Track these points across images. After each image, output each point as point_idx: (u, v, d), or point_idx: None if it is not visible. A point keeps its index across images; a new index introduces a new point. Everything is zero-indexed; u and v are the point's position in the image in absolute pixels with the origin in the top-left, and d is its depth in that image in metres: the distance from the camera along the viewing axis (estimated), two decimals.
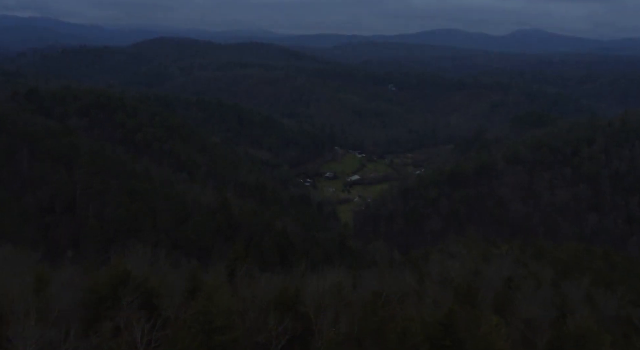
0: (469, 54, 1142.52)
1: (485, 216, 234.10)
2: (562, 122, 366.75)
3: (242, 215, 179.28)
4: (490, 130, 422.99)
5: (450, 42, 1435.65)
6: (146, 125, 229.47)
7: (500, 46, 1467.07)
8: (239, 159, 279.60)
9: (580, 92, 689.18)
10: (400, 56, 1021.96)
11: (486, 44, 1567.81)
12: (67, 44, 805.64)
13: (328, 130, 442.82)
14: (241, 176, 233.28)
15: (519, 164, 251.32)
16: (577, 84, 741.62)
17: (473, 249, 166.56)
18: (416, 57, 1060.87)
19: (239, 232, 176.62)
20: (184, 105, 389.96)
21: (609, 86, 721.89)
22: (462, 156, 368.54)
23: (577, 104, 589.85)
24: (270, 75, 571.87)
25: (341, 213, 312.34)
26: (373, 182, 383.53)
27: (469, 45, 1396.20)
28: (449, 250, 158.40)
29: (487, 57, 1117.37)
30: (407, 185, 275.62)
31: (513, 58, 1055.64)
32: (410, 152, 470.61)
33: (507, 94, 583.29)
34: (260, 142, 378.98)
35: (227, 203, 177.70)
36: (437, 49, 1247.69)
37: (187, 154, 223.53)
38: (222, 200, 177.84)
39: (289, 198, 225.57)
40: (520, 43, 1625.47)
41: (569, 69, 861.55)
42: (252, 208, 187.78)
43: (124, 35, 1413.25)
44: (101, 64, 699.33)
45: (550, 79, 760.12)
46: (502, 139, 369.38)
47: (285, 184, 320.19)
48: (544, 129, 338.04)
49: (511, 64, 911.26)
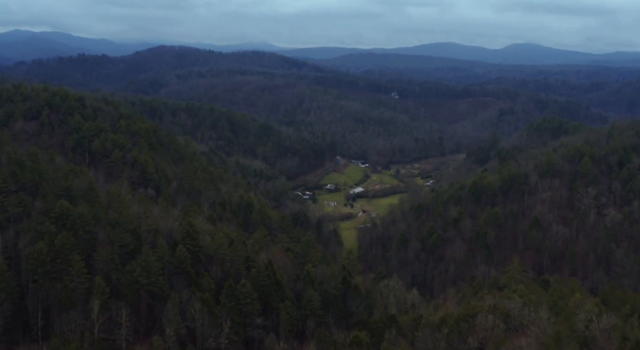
0: (468, 65, 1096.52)
1: (519, 241, 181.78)
2: (587, 129, 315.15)
3: (215, 247, 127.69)
4: (505, 138, 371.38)
5: (449, 55, 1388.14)
6: (106, 131, 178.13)
7: (497, 59, 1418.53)
8: (226, 170, 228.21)
9: (586, 101, 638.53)
10: (401, 67, 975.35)
11: (484, 56, 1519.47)
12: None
13: (329, 139, 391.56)
14: (223, 192, 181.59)
15: (556, 177, 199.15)
16: (583, 92, 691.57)
17: (532, 292, 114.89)
18: (417, 67, 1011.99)
19: (209, 271, 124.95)
20: (172, 111, 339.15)
21: (616, 94, 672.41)
22: (477, 166, 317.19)
23: (588, 111, 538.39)
24: (269, 82, 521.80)
25: (344, 230, 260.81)
26: (378, 195, 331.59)
27: (467, 58, 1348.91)
28: (505, 296, 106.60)
29: (487, 67, 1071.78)
30: (421, 201, 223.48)
31: (512, 69, 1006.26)
32: (417, 162, 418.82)
33: (516, 102, 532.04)
34: (254, 151, 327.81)
35: (193, 230, 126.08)
36: (437, 60, 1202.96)
37: (155, 166, 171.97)
38: (187, 227, 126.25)
39: (280, 218, 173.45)
40: (516, 56, 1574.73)
41: (572, 78, 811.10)
42: (230, 236, 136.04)
43: (131, 48, 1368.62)
44: (98, 72, 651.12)
45: (554, 88, 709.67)
46: (521, 147, 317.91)
47: (281, 198, 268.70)
48: (570, 136, 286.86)
49: (512, 74, 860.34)
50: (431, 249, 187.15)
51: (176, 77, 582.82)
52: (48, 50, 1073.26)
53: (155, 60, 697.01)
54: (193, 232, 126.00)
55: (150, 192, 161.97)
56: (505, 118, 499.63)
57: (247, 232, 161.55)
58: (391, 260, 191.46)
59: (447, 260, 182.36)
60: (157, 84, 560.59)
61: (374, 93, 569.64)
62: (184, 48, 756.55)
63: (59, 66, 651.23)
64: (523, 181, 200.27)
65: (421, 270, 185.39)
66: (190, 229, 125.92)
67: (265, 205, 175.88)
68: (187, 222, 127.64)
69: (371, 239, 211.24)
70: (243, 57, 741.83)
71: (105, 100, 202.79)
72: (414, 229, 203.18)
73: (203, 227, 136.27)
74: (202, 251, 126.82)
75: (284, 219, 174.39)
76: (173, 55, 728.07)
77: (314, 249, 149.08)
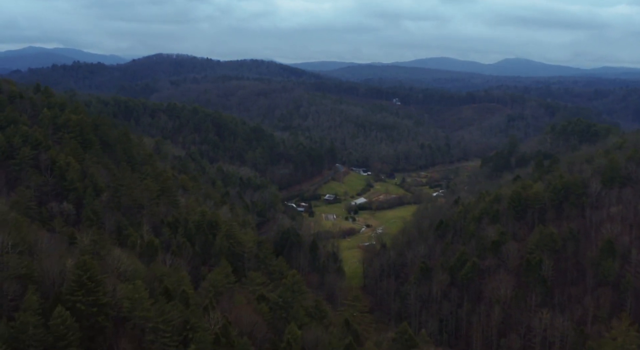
0: (465, 77, 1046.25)
1: (587, 273, 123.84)
2: (620, 133, 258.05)
3: (130, 305, 70.35)
4: (523, 143, 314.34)
5: (446, 67, 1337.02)
6: (22, 122, 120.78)
7: (492, 72, 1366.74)
8: (194, 178, 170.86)
9: (592, 108, 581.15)
10: (400, 77, 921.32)
11: (479, 70, 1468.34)
12: None
13: (328, 144, 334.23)
14: (181, 207, 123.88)
15: (626, 185, 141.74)
16: (586, 100, 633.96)
17: None
18: (415, 78, 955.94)
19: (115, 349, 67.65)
20: (151, 112, 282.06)
21: (621, 102, 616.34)
22: (496, 174, 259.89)
23: (600, 118, 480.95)
24: (265, 87, 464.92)
25: (345, 250, 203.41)
26: (383, 206, 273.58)
27: (463, 70, 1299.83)
28: None
29: (484, 78, 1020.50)
30: (443, 217, 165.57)
31: (510, 80, 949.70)
32: (423, 170, 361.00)
33: (524, 107, 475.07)
34: (242, 157, 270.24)
35: (91, 275, 68.73)
36: (434, 72, 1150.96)
37: (82, 171, 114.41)
38: (80, 271, 68.84)
39: (255, 245, 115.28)
40: (508, 71, 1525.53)
41: (575, 87, 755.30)
42: (163, 282, 78.60)
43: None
44: (92, 79, 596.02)
45: (557, 96, 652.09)
46: (545, 152, 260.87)
47: (269, 211, 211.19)
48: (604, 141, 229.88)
49: (511, 84, 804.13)
50: (464, 283, 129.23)
51: (170, 83, 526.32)
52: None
53: (152, 68, 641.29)
54: (89, 278, 68.47)
55: (67, 208, 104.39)
56: (515, 123, 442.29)
57: (207, 267, 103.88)
58: (409, 298, 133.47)
59: (487, 299, 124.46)
60: (149, 89, 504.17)
61: (374, 99, 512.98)
62: (181, 56, 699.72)
63: (52, 73, 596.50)
64: (582, 191, 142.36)
65: (452, 312, 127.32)
66: (85, 275, 68.37)
67: (235, 226, 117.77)
68: (82, 262, 69.88)
69: (381, 266, 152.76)
70: (241, 66, 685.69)
71: (47, 92, 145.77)
72: (437, 255, 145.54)
73: (121, 266, 78.70)
74: (107, 312, 69.33)
75: (262, 245, 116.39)
76: (170, 63, 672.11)
77: (301, 295, 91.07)
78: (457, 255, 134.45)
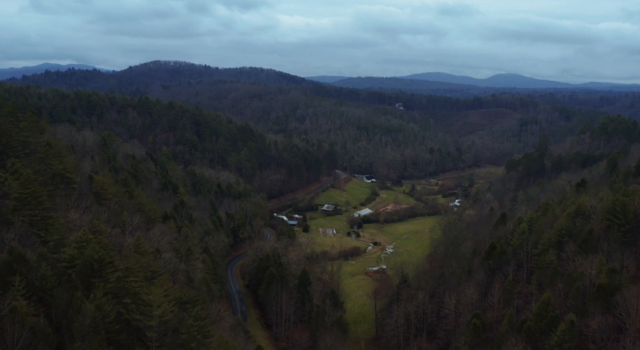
0: (463, 88, 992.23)
1: None
2: None
3: None
4: (529, 148, 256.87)
5: (441, 81, 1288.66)
6: None
7: (486, 85, 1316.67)
8: (138, 182, 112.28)
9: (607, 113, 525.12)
10: (400, 86, 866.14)
11: (473, 83, 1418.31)
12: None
13: (327, 148, 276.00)
14: (55, 233, 64.92)
15: None
16: (593, 107, 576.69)
17: None
18: (414, 89, 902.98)
19: None
20: (118, 108, 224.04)
21: (630, 109, 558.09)
22: (528, 179, 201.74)
23: None
24: (260, 89, 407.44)
25: (348, 278, 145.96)
26: (392, 218, 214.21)
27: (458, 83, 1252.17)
28: None
29: (482, 90, 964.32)
30: (489, 237, 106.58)
31: (507, 91, 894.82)
32: (433, 177, 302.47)
33: (537, 111, 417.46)
34: (225, 160, 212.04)
35: None
36: (432, 84, 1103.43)
37: None
38: None
39: (217, 292, 56.21)
40: (501, 85, 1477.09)
41: (579, 95, 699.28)
42: None
43: None
44: (85, 85, 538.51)
45: (562, 103, 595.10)
46: (584, 153, 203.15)
47: (248, 225, 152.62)
48: None
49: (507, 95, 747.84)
50: (534, 341, 69.93)
51: (162, 87, 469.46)
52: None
53: (148, 75, 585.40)
54: None
55: None
56: (528, 128, 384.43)
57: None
58: None
59: None
60: (140, 93, 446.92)
61: (376, 104, 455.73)
62: (178, 63, 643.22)
63: (45, 79, 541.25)
64: None
65: None
66: None
67: (136, 269, 58.84)
68: None
69: (406, 316, 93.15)
70: (240, 73, 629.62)
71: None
72: (495, 301, 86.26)
73: None
74: None
75: (217, 292, 56.98)
76: (167, 70, 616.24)
77: None
78: (537, 307, 75.34)
